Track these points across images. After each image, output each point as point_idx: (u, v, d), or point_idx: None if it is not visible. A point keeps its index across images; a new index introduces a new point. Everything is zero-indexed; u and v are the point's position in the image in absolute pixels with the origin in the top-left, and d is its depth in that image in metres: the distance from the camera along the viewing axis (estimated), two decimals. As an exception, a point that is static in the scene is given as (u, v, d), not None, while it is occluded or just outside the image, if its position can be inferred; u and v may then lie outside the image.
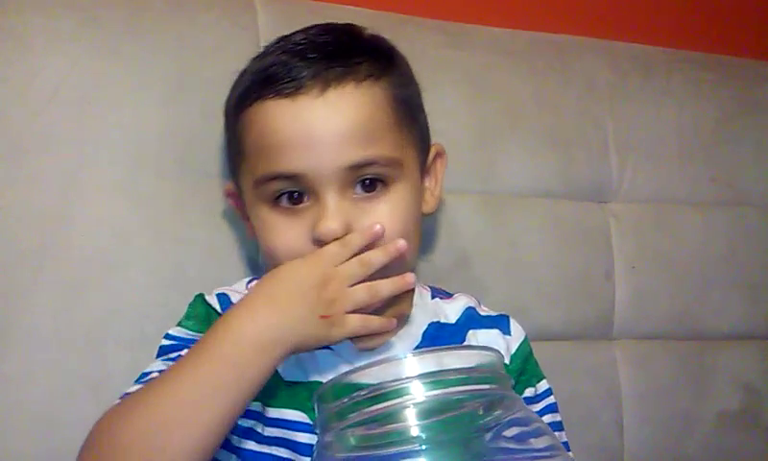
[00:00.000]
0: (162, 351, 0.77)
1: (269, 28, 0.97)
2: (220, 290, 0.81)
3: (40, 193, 0.86)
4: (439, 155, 0.86)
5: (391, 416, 0.54)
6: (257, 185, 0.77)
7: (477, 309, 0.86)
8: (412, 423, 0.53)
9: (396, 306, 0.77)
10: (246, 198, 0.80)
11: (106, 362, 0.85)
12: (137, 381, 0.74)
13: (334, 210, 0.73)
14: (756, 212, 1.17)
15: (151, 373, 0.74)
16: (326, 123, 0.74)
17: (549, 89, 1.10)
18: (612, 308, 1.08)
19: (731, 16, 1.38)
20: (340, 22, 0.83)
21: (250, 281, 0.84)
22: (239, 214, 0.86)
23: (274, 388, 0.73)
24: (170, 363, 0.74)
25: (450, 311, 0.85)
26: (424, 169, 0.84)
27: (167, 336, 0.78)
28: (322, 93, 0.74)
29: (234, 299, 0.79)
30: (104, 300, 0.86)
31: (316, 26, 0.81)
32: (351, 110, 0.75)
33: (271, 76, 0.76)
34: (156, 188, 0.90)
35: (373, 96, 0.76)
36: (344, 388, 0.57)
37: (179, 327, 0.78)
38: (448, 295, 0.88)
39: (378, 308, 0.74)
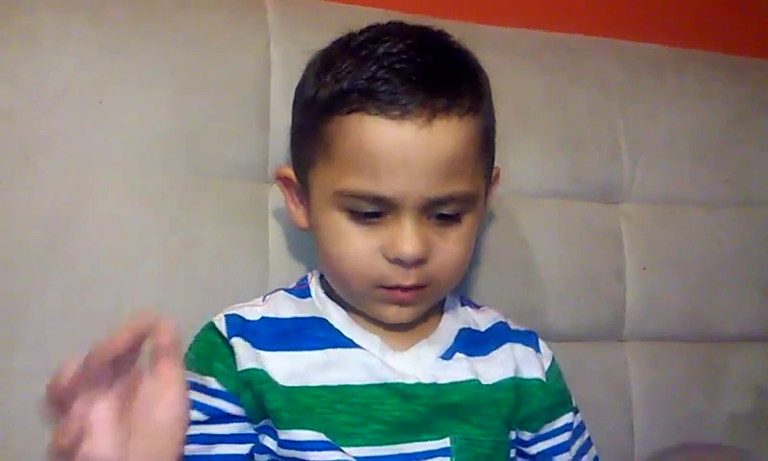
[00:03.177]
0: None
1: (279, 27, 0.97)
2: (231, 310, 0.79)
3: (49, 192, 0.86)
4: (497, 176, 0.86)
5: None
6: (338, 195, 0.75)
7: (509, 324, 0.87)
8: None
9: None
10: (313, 194, 0.78)
11: (114, 362, 0.85)
12: None
13: (413, 233, 0.74)
14: (768, 213, 1.16)
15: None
16: (428, 153, 0.73)
17: (560, 89, 1.09)
18: (622, 309, 1.07)
19: (742, 16, 1.37)
20: (434, 30, 0.81)
21: (267, 295, 0.82)
22: (287, 198, 0.84)
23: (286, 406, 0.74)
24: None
25: (480, 320, 0.86)
26: (488, 193, 0.83)
27: None
28: (428, 123, 0.72)
29: (248, 316, 0.78)
30: (112, 299, 0.86)
31: (404, 31, 0.78)
32: (453, 144, 0.74)
33: (374, 92, 0.73)
34: (165, 188, 0.90)
35: (470, 130, 0.75)
36: None
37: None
38: (477, 306, 0.89)
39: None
